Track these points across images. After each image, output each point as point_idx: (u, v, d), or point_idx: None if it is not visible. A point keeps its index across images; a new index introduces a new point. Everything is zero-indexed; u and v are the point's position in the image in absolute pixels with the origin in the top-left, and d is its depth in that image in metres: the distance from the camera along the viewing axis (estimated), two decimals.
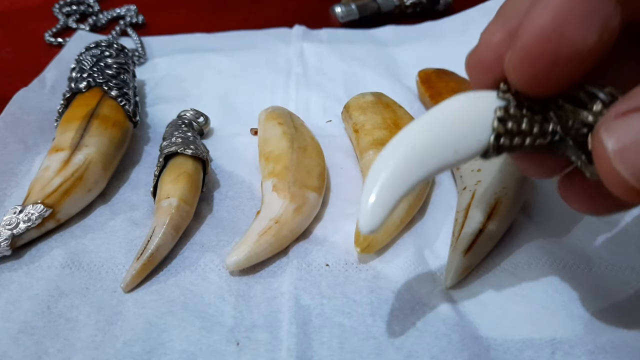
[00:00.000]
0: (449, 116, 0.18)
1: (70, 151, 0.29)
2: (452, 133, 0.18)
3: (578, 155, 0.18)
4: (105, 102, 0.33)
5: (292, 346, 0.23)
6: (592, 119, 0.17)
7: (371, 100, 0.35)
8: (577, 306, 0.24)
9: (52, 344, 0.23)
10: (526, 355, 0.22)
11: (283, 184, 0.28)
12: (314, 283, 0.25)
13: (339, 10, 0.51)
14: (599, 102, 0.17)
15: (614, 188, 0.15)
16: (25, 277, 0.26)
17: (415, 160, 0.18)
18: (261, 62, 0.45)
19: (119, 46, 0.38)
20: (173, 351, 0.22)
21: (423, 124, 0.18)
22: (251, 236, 0.26)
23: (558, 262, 0.26)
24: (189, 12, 0.55)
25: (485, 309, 0.24)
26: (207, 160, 0.31)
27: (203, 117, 0.36)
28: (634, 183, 0.15)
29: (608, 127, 0.15)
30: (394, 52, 0.46)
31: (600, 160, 0.15)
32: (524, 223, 0.28)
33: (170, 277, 0.26)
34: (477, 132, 0.18)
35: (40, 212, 0.27)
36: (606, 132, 0.15)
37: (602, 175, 0.15)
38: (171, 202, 0.27)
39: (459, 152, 0.18)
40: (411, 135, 0.18)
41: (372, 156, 0.30)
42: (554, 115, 0.18)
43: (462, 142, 0.18)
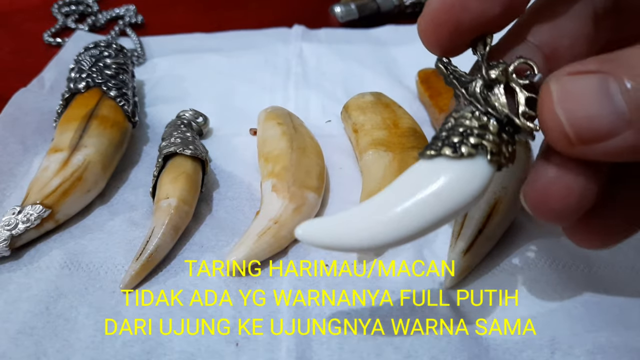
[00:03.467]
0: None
1: (69, 152, 0.29)
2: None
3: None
4: (104, 102, 0.33)
5: (291, 346, 0.23)
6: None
7: (370, 100, 0.35)
8: (577, 306, 0.24)
9: (51, 344, 0.23)
10: (526, 355, 0.22)
11: (282, 184, 0.28)
12: (313, 283, 0.25)
13: (339, 10, 0.51)
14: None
15: (549, 132, 0.16)
16: (24, 277, 0.26)
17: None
18: (260, 62, 0.45)
19: (118, 46, 0.38)
20: (172, 351, 0.22)
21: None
22: (250, 236, 0.26)
23: (558, 262, 0.26)
24: (188, 12, 0.55)
25: (485, 309, 0.24)
26: (206, 160, 0.31)
27: (202, 117, 0.36)
28: (567, 128, 0.16)
29: (559, 79, 0.16)
30: (393, 52, 0.46)
31: (543, 105, 0.16)
32: (524, 223, 0.28)
33: (170, 278, 0.26)
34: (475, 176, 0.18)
35: (39, 213, 0.27)
36: (556, 82, 0.16)
37: (542, 120, 0.17)
38: (170, 203, 0.27)
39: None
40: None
41: (372, 156, 0.30)
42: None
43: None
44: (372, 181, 0.29)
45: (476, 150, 0.18)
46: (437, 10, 0.19)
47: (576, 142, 0.16)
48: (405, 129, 0.32)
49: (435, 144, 0.19)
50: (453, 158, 0.18)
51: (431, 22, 0.19)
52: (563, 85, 0.16)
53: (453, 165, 0.18)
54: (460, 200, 0.18)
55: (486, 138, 0.18)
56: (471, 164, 0.18)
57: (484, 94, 0.19)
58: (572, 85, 0.16)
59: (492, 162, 0.18)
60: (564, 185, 0.18)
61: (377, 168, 0.29)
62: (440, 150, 0.18)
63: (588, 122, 0.15)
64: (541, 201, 0.18)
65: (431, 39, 0.20)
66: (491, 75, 0.19)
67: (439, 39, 0.20)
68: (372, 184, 0.28)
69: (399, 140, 0.31)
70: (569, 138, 0.16)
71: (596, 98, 0.15)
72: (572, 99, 0.16)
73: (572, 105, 0.16)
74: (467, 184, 0.18)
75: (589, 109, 0.15)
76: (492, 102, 0.19)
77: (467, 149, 0.18)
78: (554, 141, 0.16)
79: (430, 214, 0.18)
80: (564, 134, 0.16)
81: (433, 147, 0.19)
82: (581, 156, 0.16)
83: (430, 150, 0.19)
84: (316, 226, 0.19)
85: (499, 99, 0.19)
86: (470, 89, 0.19)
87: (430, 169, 0.18)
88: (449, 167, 0.18)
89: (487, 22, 0.19)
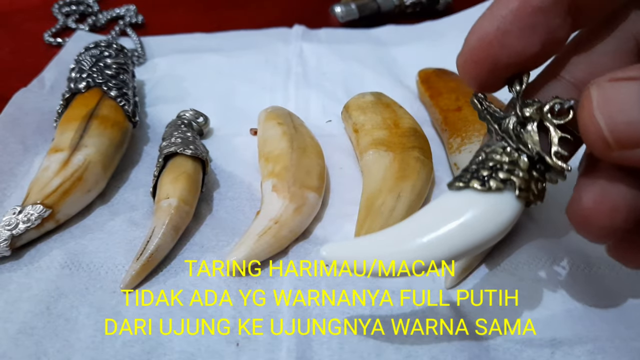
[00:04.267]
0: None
1: (70, 152, 0.29)
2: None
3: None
4: (104, 102, 0.33)
5: (292, 346, 0.23)
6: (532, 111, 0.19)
7: (371, 100, 0.35)
8: (577, 306, 0.24)
9: (52, 344, 0.23)
10: (526, 356, 0.22)
11: (283, 184, 0.28)
12: (313, 283, 0.25)
13: (339, 10, 0.51)
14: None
15: (588, 136, 0.17)
16: (25, 277, 0.26)
17: None
18: (261, 62, 0.45)
19: (118, 46, 0.38)
20: (172, 352, 0.22)
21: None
22: (251, 236, 0.26)
23: (558, 262, 0.26)
24: (188, 12, 0.55)
25: (485, 309, 0.24)
26: (206, 160, 0.31)
27: (202, 117, 0.36)
28: (606, 133, 0.16)
29: (600, 85, 0.16)
30: (393, 52, 0.46)
31: (584, 109, 0.17)
32: (524, 223, 0.28)
33: (170, 278, 0.26)
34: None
35: (40, 213, 0.27)
36: (596, 88, 0.16)
37: (581, 124, 0.17)
38: (171, 203, 0.27)
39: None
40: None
41: (372, 156, 0.30)
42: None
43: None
44: (373, 181, 0.29)
45: (504, 185, 0.18)
46: (476, 48, 0.19)
47: (615, 146, 0.16)
48: (405, 129, 0.32)
49: (464, 177, 0.19)
50: (481, 191, 0.18)
51: (470, 59, 0.20)
52: (604, 90, 0.16)
53: (481, 199, 0.18)
54: (487, 233, 0.18)
55: (515, 174, 0.18)
56: (499, 198, 0.18)
57: (517, 130, 0.19)
58: (612, 91, 0.16)
59: (520, 197, 0.18)
60: (610, 201, 0.18)
61: (377, 168, 0.29)
62: (468, 183, 0.19)
63: (627, 127, 0.16)
64: (588, 219, 0.18)
65: (469, 76, 0.20)
66: (525, 113, 0.19)
67: (477, 76, 0.20)
68: (373, 184, 0.28)
69: (400, 140, 0.31)
70: (607, 143, 0.16)
71: (636, 104, 0.15)
72: (612, 104, 0.16)
73: (611, 111, 0.16)
74: (493, 218, 0.18)
75: (629, 115, 0.16)
76: (524, 140, 0.19)
77: (496, 183, 0.18)
78: (593, 145, 0.17)
79: (456, 245, 0.18)
80: (602, 139, 0.16)
81: (462, 180, 0.19)
82: (620, 161, 0.17)
83: (459, 182, 0.19)
84: (342, 250, 0.19)
85: (531, 137, 0.19)
86: (504, 125, 0.19)
87: (458, 201, 0.19)
88: (477, 200, 0.18)
89: (525, 60, 0.19)
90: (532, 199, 0.19)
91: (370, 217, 0.27)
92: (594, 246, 0.27)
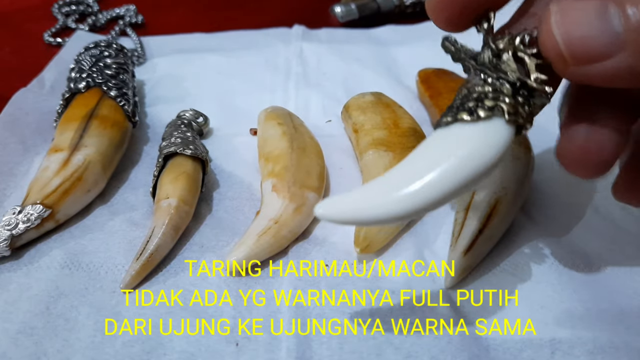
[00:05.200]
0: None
1: (70, 151, 0.29)
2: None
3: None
4: (104, 102, 0.33)
5: (291, 346, 0.23)
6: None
7: (371, 100, 0.34)
8: (577, 306, 0.24)
9: (51, 344, 0.23)
10: (526, 355, 0.22)
11: (282, 184, 0.28)
12: (313, 283, 0.25)
13: (339, 10, 0.51)
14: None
15: (546, 52, 0.17)
16: (25, 277, 0.26)
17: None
18: (260, 62, 0.45)
19: (118, 46, 0.38)
20: (172, 352, 0.22)
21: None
22: (250, 236, 0.26)
23: (558, 262, 0.26)
24: (188, 12, 0.55)
25: (485, 309, 0.24)
26: (206, 160, 0.31)
27: (202, 117, 0.36)
28: (562, 48, 0.16)
29: (559, 2, 0.17)
30: (393, 52, 0.46)
31: (543, 26, 0.17)
32: (524, 223, 0.28)
33: (170, 278, 0.26)
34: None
35: (40, 213, 0.27)
36: (556, 4, 0.17)
37: (541, 41, 0.17)
38: (170, 203, 0.27)
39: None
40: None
41: (372, 156, 0.30)
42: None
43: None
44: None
45: (493, 112, 0.18)
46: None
47: (571, 62, 0.16)
48: (405, 129, 0.32)
49: (450, 112, 0.19)
50: (470, 122, 0.18)
51: (440, 2, 0.20)
52: (562, 7, 0.16)
53: (471, 130, 0.18)
54: (482, 165, 0.18)
55: (501, 100, 0.18)
56: (489, 125, 0.18)
57: (493, 62, 0.19)
58: (571, 8, 0.16)
59: (510, 122, 0.18)
60: (597, 140, 0.18)
61: (377, 168, 0.29)
62: (456, 116, 0.18)
63: (582, 42, 0.16)
64: (579, 159, 0.19)
65: (441, 16, 0.21)
66: (499, 45, 0.19)
67: (448, 16, 0.20)
68: None
69: (399, 140, 0.31)
70: (564, 58, 0.16)
71: (592, 20, 0.16)
72: (570, 20, 0.16)
73: (568, 26, 0.16)
74: (487, 147, 0.18)
75: (584, 30, 0.16)
76: (503, 69, 0.19)
77: (484, 111, 0.18)
78: (551, 61, 0.17)
79: (452, 182, 0.17)
80: (559, 54, 0.16)
81: (449, 115, 0.19)
82: (576, 78, 0.17)
83: (447, 117, 0.18)
84: (336, 204, 0.19)
85: (509, 66, 0.19)
86: (480, 59, 0.19)
87: (449, 136, 0.18)
88: (468, 132, 0.18)
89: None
90: (521, 122, 0.19)
91: None
92: (594, 246, 0.27)
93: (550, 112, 0.22)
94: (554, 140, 0.21)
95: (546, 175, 0.31)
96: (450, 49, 0.21)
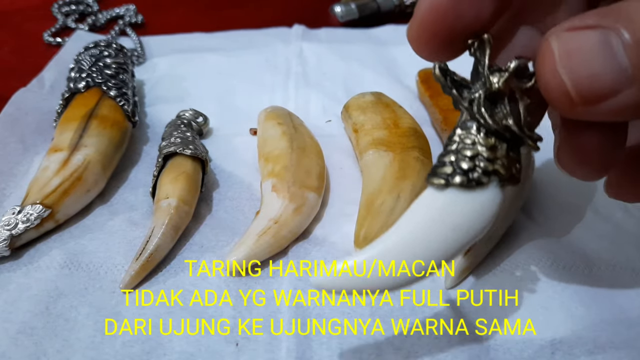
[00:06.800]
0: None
1: (69, 151, 0.29)
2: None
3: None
4: (104, 102, 0.33)
5: (291, 346, 0.23)
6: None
7: (371, 100, 0.34)
8: (577, 306, 0.24)
9: (51, 344, 0.23)
10: (526, 356, 0.22)
11: (282, 184, 0.28)
12: None
13: (339, 9, 0.51)
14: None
15: (551, 93, 0.16)
16: (24, 277, 0.26)
17: None
18: (260, 61, 0.45)
19: (117, 46, 0.38)
20: (172, 352, 0.22)
21: None
22: (250, 236, 0.26)
23: (558, 262, 0.26)
24: (188, 11, 0.55)
25: (485, 309, 0.24)
26: (206, 160, 0.31)
27: (202, 117, 0.36)
28: (570, 88, 0.15)
29: (559, 36, 0.15)
30: (393, 52, 0.46)
31: (545, 63, 0.16)
32: (524, 223, 0.28)
33: (170, 278, 0.26)
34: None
35: (39, 213, 0.27)
36: (556, 39, 0.15)
37: (542, 79, 0.16)
38: (170, 203, 0.27)
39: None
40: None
41: (372, 156, 0.30)
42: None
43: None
44: (373, 181, 0.29)
45: (488, 177, 0.18)
46: (429, 21, 0.19)
47: (579, 102, 0.15)
48: (405, 128, 0.32)
49: (442, 171, 0.18)
50: (465, 188, 0.18)
51: (424, 33, 0.19)
52: (564, 42, 0.15)
53: (466, 198, 0.18)
54: (476, 231, 0.18)
55: (497, 163, 0.18)
56: (483, 193, 0.18)
57: (487, 107, 0.18)
58: (573, 43, 0.15)
59: (504, 187, 0.18)
60: (596, 141, 0.18)
61: (377, 168, 0.29)
62: (450, 180, 0.18)
63: (591, 81, 0.15)
64: (578, 162, 0.19)
65: (425, 49, 0.19)
66: (494, 87, 0.18)
67: (433, 48, 0.19)
68: (372, 184, 0.28)
69: (399, 140, 0.31)
70: (571, 99, 0.15)
71: (599, 55, 0.15)
72: (575, 57, 0.15)
73: (575, 64, 0.15)
74: (481, 215, 0.18)
75: (593, 67, 0.15)
76: (496, 117, 0.18)
77: (479, 176, 0.18)
78: (555, 102, 0.16)
79: (446, 249, 0.18)
80: (566, 95, 0.15)
81: (442, 176, 0.18)
82: (582, 117, 0.16)
83: (440, 179, 0.18)
84: (330, 282, 0.19)
85: (504, 116, 0.18)
86: (471, 95, 0.18)
87: (443, 204, 0.18)
88: (462, 200, 0.18)
89: (481, 23, 0.18)
90: (513, 183, 0.18)
91: (370, 217, 0.27)
92: (594, 246, 0.27)
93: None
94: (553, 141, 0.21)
95: (546, 175, 0.31)
96: (442, 80, 0.19)
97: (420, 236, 0.18)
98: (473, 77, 0.19)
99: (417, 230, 0.18)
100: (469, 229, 0.18)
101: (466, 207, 0.18)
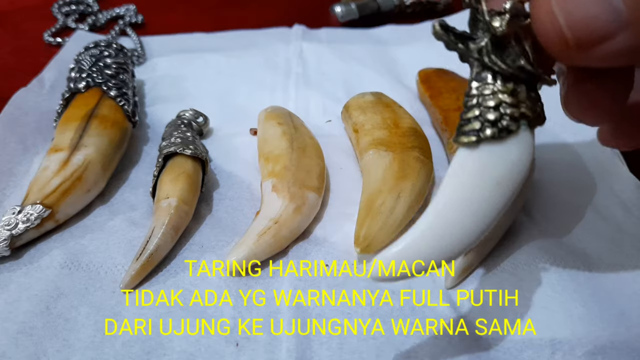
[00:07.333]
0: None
1: (69, 151, 0.29)
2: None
3: None
4: (104, 102, 0.33)
5: (291, 347, 0.23)
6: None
7: (371, 100, 0.34)
8: (577, 306, 0.24)
9: (51, 344, 0.23)
10: (526, 356, 0.22)
11: (282, 184, 0.28)
12: (313, 283, 0.25)
13: (339, 9, 0.51)
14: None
15: (545, 35, 0.16)
16: (24, 277, 0.26)
17: None
18: (260, 61, 0.45)
19: (118, 46, 0.38)
20: (172, 352, 0.22)
21: None
22: (250, 236, 0.26)
23: (558, 262, 0.26)
24: (188, 11, 0.55)
25: (485, 309, 0.24)
26: (206, 160, 0.31)
27: (202, 117, 0.36)
28: (565, 30, 0.15)
29: None
30: (394, 52, 0.46)
31: (540, 5, 0.15)
32: (524, 223, 0.28)
33: (170, 278, 0.26)
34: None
35: (39, 213, 0.27)
36: None
37: (537, 20, 0.16)
38: (170, 203, 0.27)
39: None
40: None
41: (372, 156, 0.30)
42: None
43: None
44: (373, 181, 0.29)
45: (519, 123, 0.17)
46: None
47: (574, 45, 0.15)
48: (405, 128, 0.32)
49: (470, 128, 0.18)
50: (498, 140, 0.17)
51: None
52: None
53: (501, 149, 0.17)
54: (519, 181, 0.17)
55: (522, 106, 0.17)
56: (516, 139, 0.17)
57: (496, 52, 0.18)
58: None
59: (532, 127, 0.18)
60: (604, 86, 0.18)
61: (377, 168, 0.29)
62: (481, 135, 0.17)
63: (586, 23, 0.15)
64: (587, 110, 0.18)
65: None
66: (498, 31, 0.17)
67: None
68: (373, 184, 0.28)
69: (400, 140, 0.31)
70: (566, 41, 0.15)
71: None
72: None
73: (570, 5, 0.15)
74: (520, 162, 0.17)
75: (588, 9, 0.14)
76: (507, 60, 0.17)
77: (508, 123, 0.17)
78: (550, 44, 0.16)
79: (495, 207, 0.17)
80: (560, 37, 0.15)
81: (471, 133, 0.18)
82: (577, 62, 0.16)
83: (469, 137, 0.17)
84: (393, 254, 0.18)
85: (516, 57, 0.17)
86: (477, 46, 0.18)
87: (480, 162, 0.17)
88: (497, 152, 0.17)
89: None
90: (539, 123, 0.18)
91: (370, 217, 0.27)
92: (594, 246, 0.27)
93: (550, 111, 0.22)
94: (553, 141, 0.21)
95: (546, 175, 0.31)
96: (444, 37, 0.18)
97: (468, 200, 0.17)
98: (472, 28, 0.19)
99: (463, 195, 0.18)
100: (512, 179, 0.17)
101: (503, 157, 0.17)
